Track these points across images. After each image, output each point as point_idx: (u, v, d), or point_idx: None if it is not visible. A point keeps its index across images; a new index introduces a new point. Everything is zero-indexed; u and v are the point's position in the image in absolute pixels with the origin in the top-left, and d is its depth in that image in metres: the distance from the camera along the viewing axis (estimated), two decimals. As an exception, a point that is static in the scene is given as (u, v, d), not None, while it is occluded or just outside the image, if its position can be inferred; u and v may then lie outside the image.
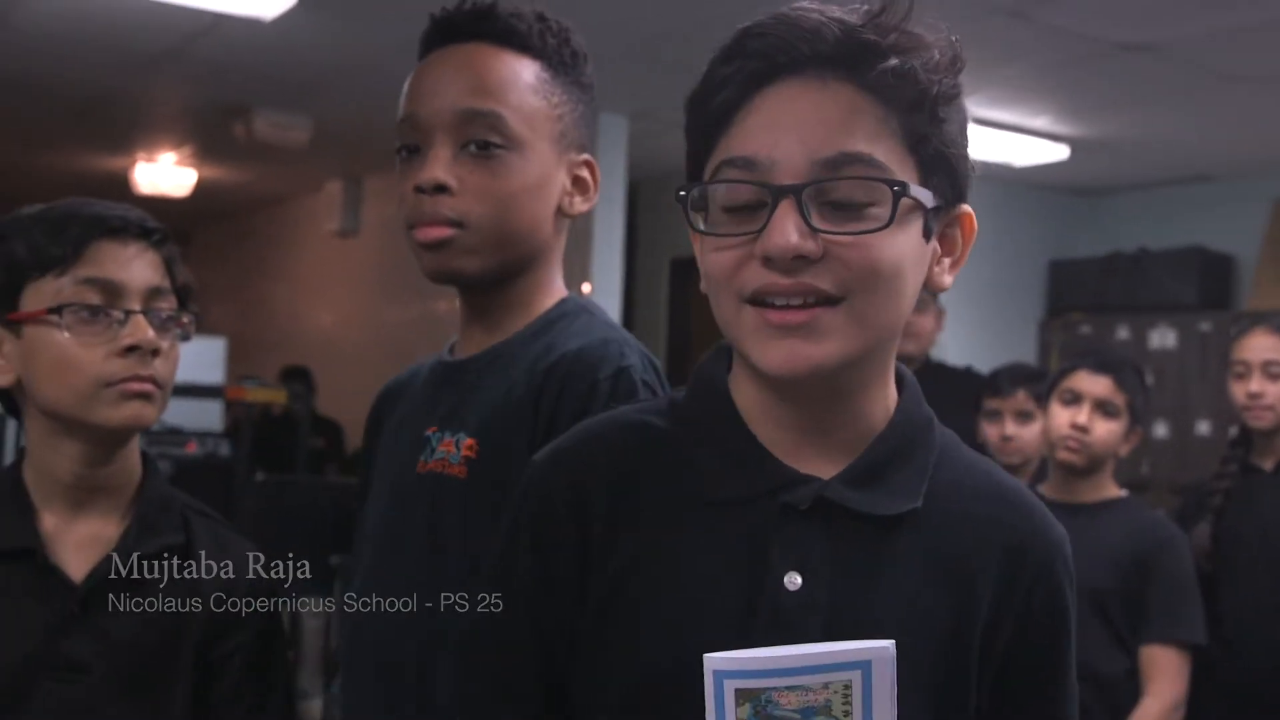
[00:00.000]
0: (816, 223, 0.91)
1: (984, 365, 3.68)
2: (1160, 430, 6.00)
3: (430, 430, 1.35)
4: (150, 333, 1.36)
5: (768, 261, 0.92)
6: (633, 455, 1.03)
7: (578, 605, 1.00)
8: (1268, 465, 2.75)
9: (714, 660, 0.85)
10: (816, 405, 0.99)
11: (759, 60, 0.95)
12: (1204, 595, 2.56)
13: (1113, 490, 2.58)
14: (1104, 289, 6.53)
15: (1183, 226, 6.42)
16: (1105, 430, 2.52)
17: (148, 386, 1.36)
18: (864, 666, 0.81)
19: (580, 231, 5.62)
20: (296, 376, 6.82)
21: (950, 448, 1.05)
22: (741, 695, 0.83)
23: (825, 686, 0.82)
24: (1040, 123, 5.47)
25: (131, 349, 1.35)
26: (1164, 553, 2.47)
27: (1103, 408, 2.52)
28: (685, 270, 7.23)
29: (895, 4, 0.94)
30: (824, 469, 0.98)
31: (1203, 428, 5.95)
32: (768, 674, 0.83)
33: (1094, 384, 2.53)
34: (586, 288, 5.68)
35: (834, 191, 0.92)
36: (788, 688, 0.82)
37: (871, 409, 1.01)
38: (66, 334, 1.34)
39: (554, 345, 1.33)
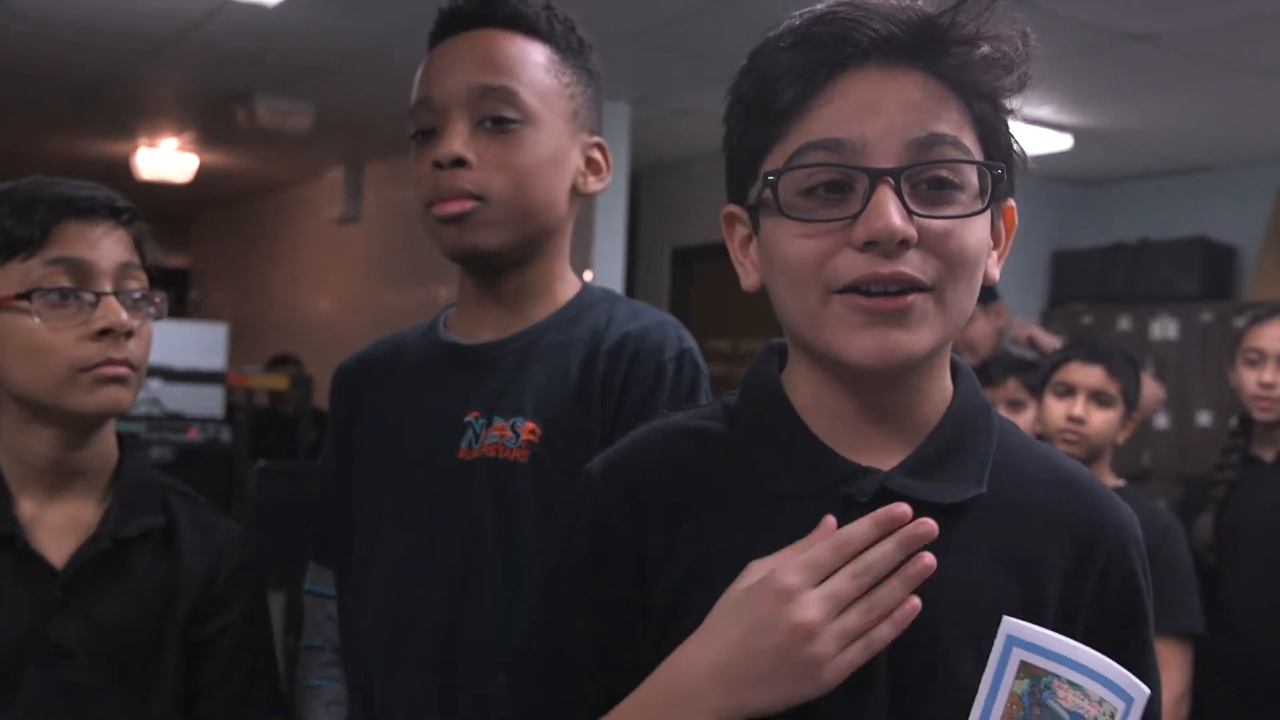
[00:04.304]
0: (912, 207, 0.91)
1: (985, 355, 3.66)
2: (1161, 421, 6.00)
3: (472, 416, 1.34)
4: (123, 315, 1.33)
5: (868, 247, 0.90)
6: (689, 461, 1.02)
7: (640, 616, 0.99)
8: (1268, 456, 2.74)
9: (1010, 624, 0.86)
10: (879, 397, 0.98)
11: (831, 46, 0.93)
12: (1207, 585, 2.56)
13: (1110, 480, 2.58)
14: (1106, 279, 6.52)
15: (1185, 217, 6.41)
16: (1101, 420, 2.52)
17: (122, 370, 1.33)
18: (1129, 702, 0.81)
19: (582, 219, 5.60)
20: (286, 365, 6.81)
21: (1010, 435, 1.04)
22: (1025, 669, 0.84)
23: (1100, 703, 0.82)
24: (1044, 113, 5.46)
25: (104, 332, 1.32)
26: (1161, 543, 2.46)
27: (1097, 398, 2.52)
28: (686, 259, 7.23)
29: None
30: (883, 460, 0.98)
31: (1204, 418, 5.95)
32: (1059, 659, 0.83)
33: (1086, 375, 2.53)
34: (588, 275, 5.67)
35: (926, 174, 0.92)
36: (1071, 683, 0.83)
37: (930, 398, 1.00)
38: (37, 319, 1.31)
39: (602, 328, 1.34)
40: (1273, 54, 4.47)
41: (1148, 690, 0.81)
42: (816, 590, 0.90)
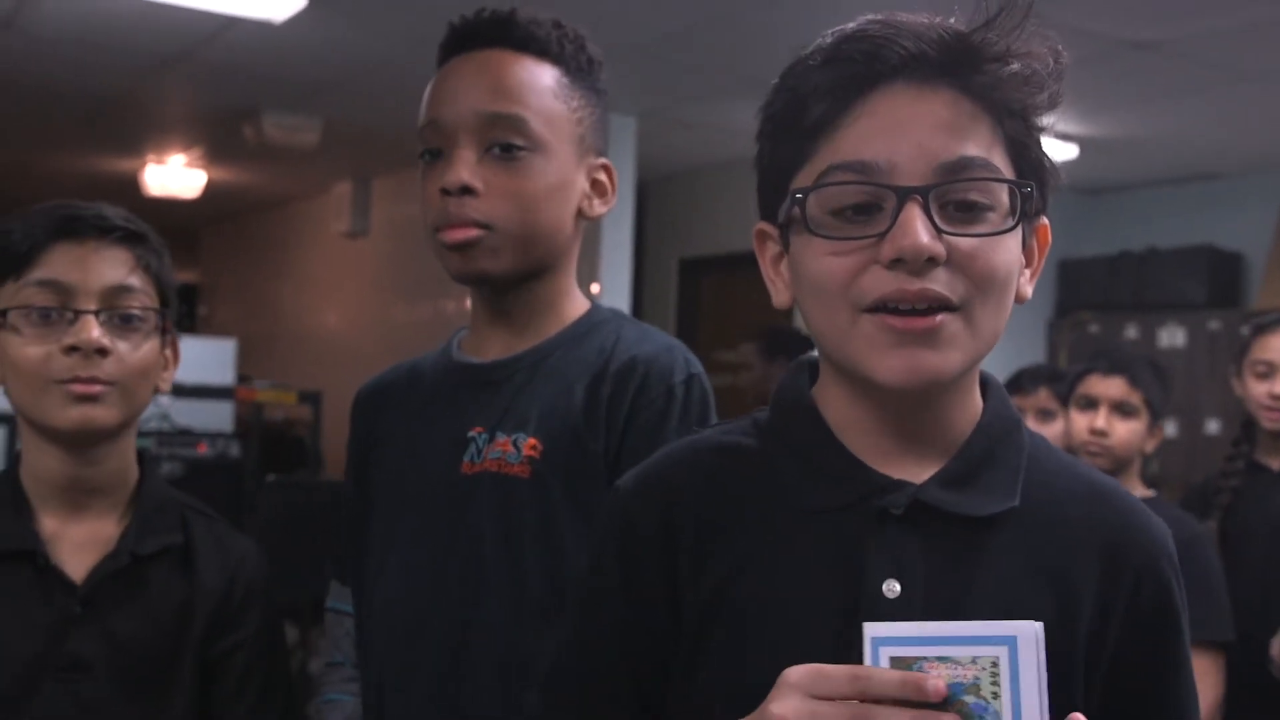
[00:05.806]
0: (941, 225, 0.90)
1: (994, 366, 3.65)
2: (1169, 429, 5.98)
3: (475, 431, 1.35)
4: (94, 333, 1.35)
5: (895, 264, 0.90)
6: (721, 477, 1.01)
7: (670, 633, 0.99)
8: (1276, 465, 2.73)
9: (871, 628, 0.86)
10: (910, 412, 0.97)
11: (861, 64, 0.93)
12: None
13: (1139, 490, 2.55)
14: (1113, 288, 6.52)
15: (1192, 225, 6.41)
16: (1125, 431, 2.50)
17: (93, 388, 1.35)
18: (1009, 643, 0.81)
19: (589, 232, 5.57)
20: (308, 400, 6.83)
21: (1040, 449, 1.04)
22: (895, 663, 0.85)
23: (974, 662, 0.82)
24: (1049, 122, 5.46)
25: (73, 349, 1.34)
26: (1188, 552, 2.44)
27: (1119, 409, 2.50)
28: (693, 270, 7.23)
29: (1007, 11, 0.93)
30: (915, 474, 0.97)
31: (1212, 426, 5.94)
32: (919, 642, 0.84)
33: (1108, 386, 2.52)
34: (595, 288, 5.68)
35: (954, 194, 0.91)
36: (938, 658, 0.83)
37: (961, 413, 1.00)
38: (18, 336, 1.35)
39: (609, 349, 1.35)
40: (1278, 61, 4.47)
41: (1035, 624, 0.81)
42: None
